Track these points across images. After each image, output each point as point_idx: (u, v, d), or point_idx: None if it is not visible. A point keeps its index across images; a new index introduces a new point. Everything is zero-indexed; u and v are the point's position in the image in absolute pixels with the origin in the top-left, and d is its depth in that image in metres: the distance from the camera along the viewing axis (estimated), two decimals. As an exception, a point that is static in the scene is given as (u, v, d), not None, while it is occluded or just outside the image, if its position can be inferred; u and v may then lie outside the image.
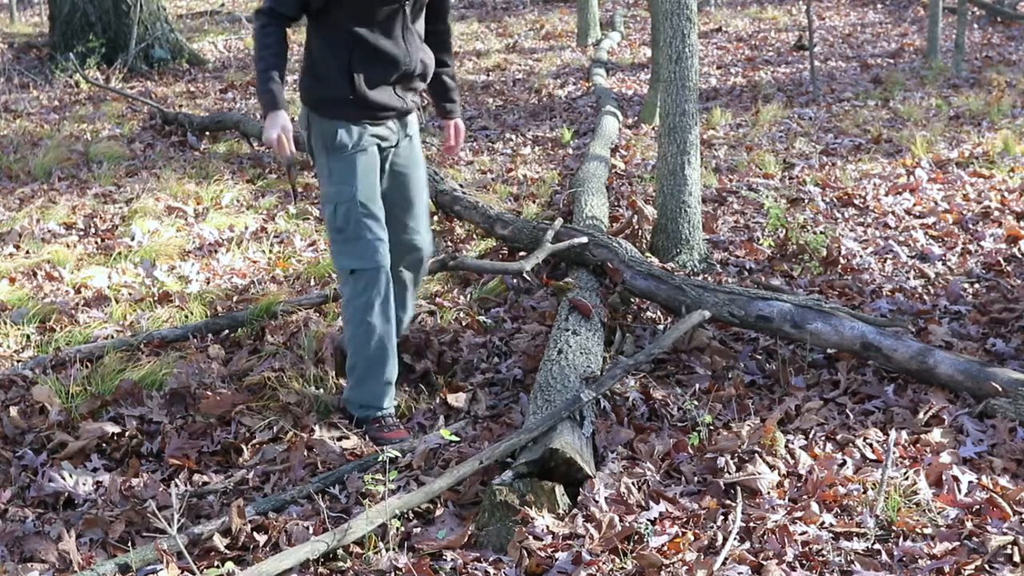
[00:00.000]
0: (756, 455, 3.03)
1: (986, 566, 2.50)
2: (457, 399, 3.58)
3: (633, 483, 2.90)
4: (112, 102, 9.37)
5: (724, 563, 2.52)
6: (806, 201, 5.74)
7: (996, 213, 5.37)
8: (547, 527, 2.69)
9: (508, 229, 4.98)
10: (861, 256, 4.83)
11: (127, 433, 3.46)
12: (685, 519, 2.76)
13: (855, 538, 2.64)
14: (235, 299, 4.64)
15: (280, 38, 3.17)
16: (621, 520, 2.72)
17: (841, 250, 4.82)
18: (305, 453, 3.27)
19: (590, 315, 3.79)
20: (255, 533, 2.80)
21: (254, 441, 3.40)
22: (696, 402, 3.42)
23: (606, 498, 2.82)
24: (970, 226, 5.22)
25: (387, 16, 3.21)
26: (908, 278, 4.57)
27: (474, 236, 5.34)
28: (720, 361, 3.77)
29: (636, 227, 4.99)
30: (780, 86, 9.42)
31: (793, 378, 3.59)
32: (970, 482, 2.87)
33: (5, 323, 4.37)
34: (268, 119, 3.11)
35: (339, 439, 3.37)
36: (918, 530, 2.65)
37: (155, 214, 5.94)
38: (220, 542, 2.77)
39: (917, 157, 6.53)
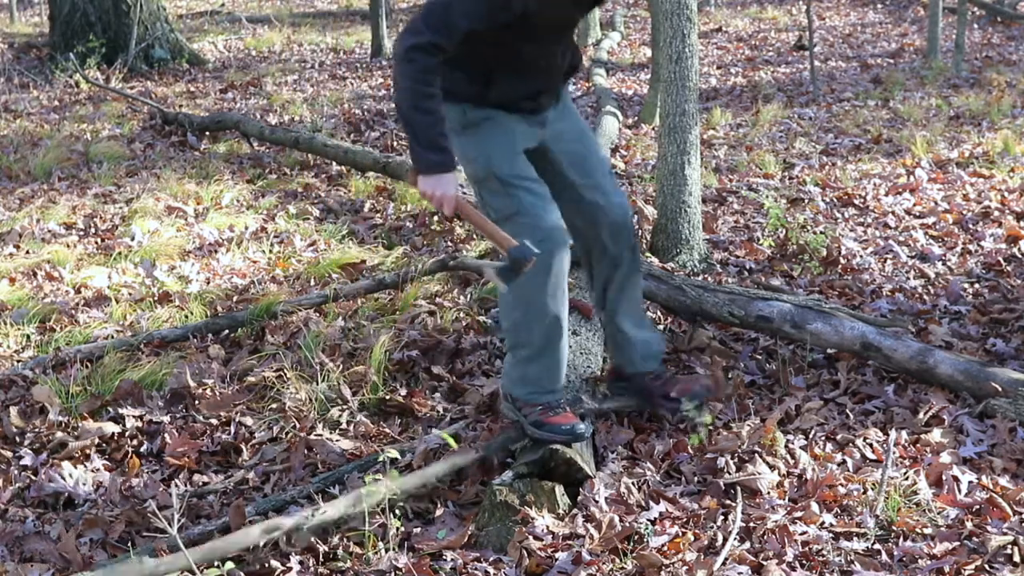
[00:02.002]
0: (756, 455, 3.04)
1: (986, 566, 2.50)
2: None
3: (633, 483, 2.90)
4: (112, 102, 9.38)
5: (724, 563, 2.52)
6: (806, 201, 5.74)
7: (996, 213, 5.37)
8: (547, 527, 2.69)
9: (508, 229, 4.97)
10: (861, 256, 4.83)
11: (127, 433, 3.46)
12: (685, 519, 2.76)
13: (855, 538, 2.64)
14: (235, 299, 4.64)
15: (438, 81, 2.69)
16: (621, 520, 2.72)
17: (841, 250, 4.82)
18: (305, 453, 3.28)
19: (590, 315, 3.79)
20: (255, 533, 2.80)
21: (253, 441, 3.40)
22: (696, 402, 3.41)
23: (606, 498, 2.82)
24: (970, 226, 5.21)
25: (552, 34, 2.84)
26: (908, 278, 4.57)
27: (474, 236, 5.34)
28: (720, 361, 3.76)
29: (636, 227, 4.99)
30: (780, 86, 9.42)
31: (793, 378, 3.59)
32: (970, 482, 2.87)
33: (5, 323, 4.37)
34: (442, 179, 2.70)
35: (339, 439, 3.37)
36: (918, 530, 2.65)
37: (155, 214, 5.94)
38: (220, 542, 2.77)
39: (917, 157, 6.52)
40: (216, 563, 2.64)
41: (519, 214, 2.78)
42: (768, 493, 2.87)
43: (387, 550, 2.67)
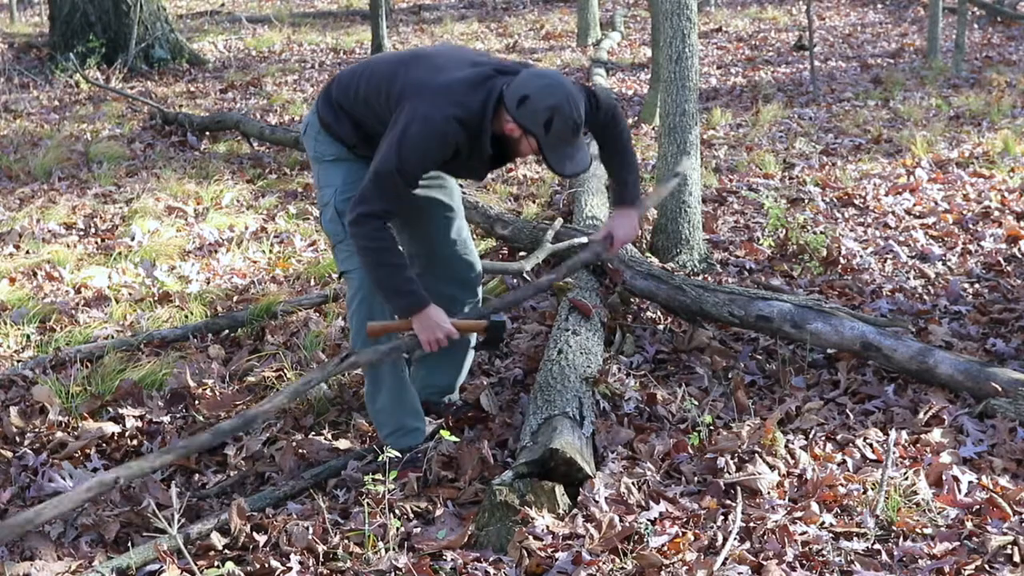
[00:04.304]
0: (756, 455, 3.04)
1: (986, 566, 2.50)
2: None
3: (633, 483, 2.90)
4: (112, 102, 9.37)
5: (724, 563, 2.52)
6: (806, 201, 5.74)
7: (996, 213, 5.37)
8: (547, 527, 2.69)
9: (508, 229, 4.98)
10: (861, 256, 4.83)
11: (127, 433, 3.46)
12: (685, 519, 2.76)
13: (855, 538, 2.64)
14: (235, 299, 4.64)
15: (390, 234, 2.95)
16: (621, 520, 2.72)
17: (841, 250, 4.82)
18: (303, 453, 3.28)
19: (590, 315, 3.79)
20: (255, 533, 2.80)
21: (252, 441, 3.40)
22: (696, 402, 3.41)
23: (606, 498, 2.82)
24: (970, 226, 5.21)
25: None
26: (908, 278, 4.56)
27: (474, 236, 5.33)
28: (720, 361, 3.76)
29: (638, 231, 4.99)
30: (780, 86, 9.42)
31: (793, 378, 3.59)
32: (970, 482, 2.87)
33: (5, 323, 4.37)
34: (422, 319, 2.94)
35: (335, 439, 3.37)
36: (918, 530, 2.65)
37: (155, 214, 5.94)
38: (219, 542, 2.77)
39: (917, 157, 6.52)
40: (216, 563, 2.65)
41: (344, 241, 3.07)
42: (768, 493, 2.87)
43: (387, 550, 2.67)
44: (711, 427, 3.22)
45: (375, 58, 3.30)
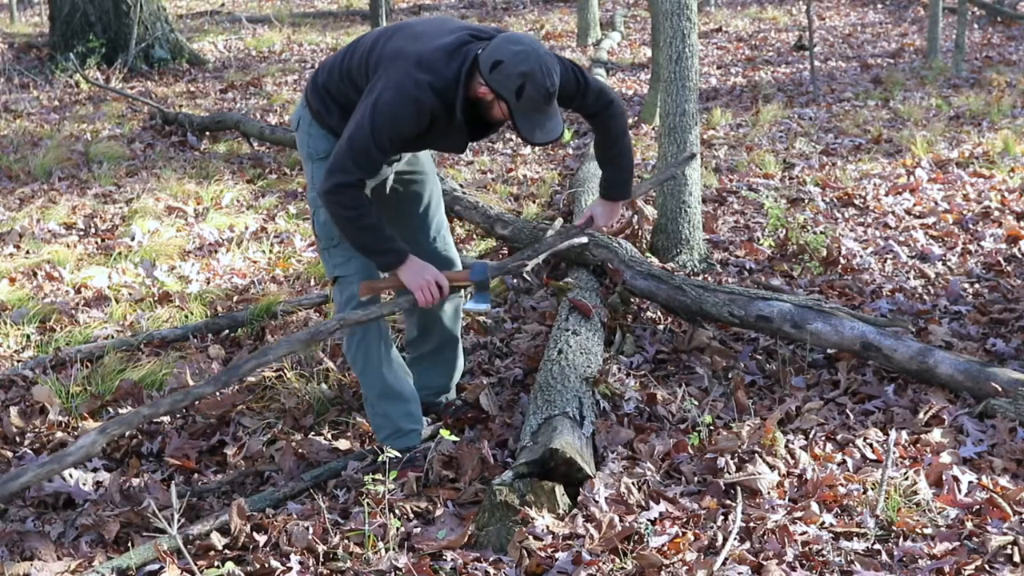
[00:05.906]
0: (756, 455, 3.04)
1: (986, 566, 2.50)
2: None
3: (633, 483, 2.90)
4: (112, 102, 9.37)
5: (724, 563, 2.52)
6: (806, 201, 5.74)
7: (996, 213, 5.37)
8: (547, 527, 2.69)
9: (508, 229, 4.98)
10: (861, 256, 4.83)
11: (127, 433, 3.46)
12: (685, 519, 2.76)
13: (855, 538, 2.64)
14: (235, 299, 4.64)
15: (367, 198, 2.96)
16: (621, 520, 2.72)
17: (841, 250, 4.82)
18: (301, 454, 3.28)
19: (590, 315, 3.79)
20: (255, 533, 2.80)
21: (252, 442, 3.40)
22: (696, 402, 3.41)
23: (606, 498, 2.82)
24: (970, 226, 5.21)
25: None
26: (908, 278, 4.56)
27: (474, 236, 5.34)
28: (720, 361, 3.76)
29: (636, 227, 4.99)
30: (780, 86, 9.42)
31: (793, 378, 3.59)
32: (970, 482, 2.87)
33: (5, 323, 4.37)
34: (407, 270, 2.98)
35: (335, 439, 3.37)
36: (918, 530, 2.65)
37: (155, 214, 5.94)
38: (219, 542, 2.77)
39: (917, 157, 6.52)
40: (216, 563, 2.65)
41: (339, 245, 3.08)
42: (768, 493, 2.87)
43: (387, 550, 2.67)
44: (711, 427, 3.22)
45: (360, 36, 3.26)
